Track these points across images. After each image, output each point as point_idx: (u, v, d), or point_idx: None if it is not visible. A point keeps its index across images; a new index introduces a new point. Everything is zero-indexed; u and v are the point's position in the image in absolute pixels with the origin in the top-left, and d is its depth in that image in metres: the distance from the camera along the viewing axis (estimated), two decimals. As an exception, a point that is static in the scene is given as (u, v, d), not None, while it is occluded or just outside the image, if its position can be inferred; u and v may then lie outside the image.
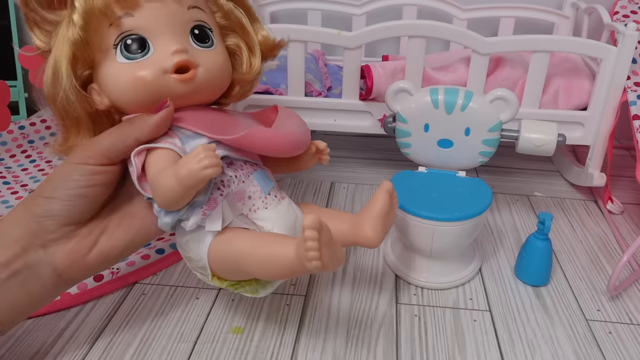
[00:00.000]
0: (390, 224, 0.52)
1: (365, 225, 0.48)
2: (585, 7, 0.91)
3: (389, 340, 0.56)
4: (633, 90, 0.74)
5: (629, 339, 0.56)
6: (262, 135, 0.46)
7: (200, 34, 0.46)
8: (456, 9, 0.98)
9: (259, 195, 0.48)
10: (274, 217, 0.48)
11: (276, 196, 0.49)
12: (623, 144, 1.00)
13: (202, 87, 0.46)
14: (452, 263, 0.64)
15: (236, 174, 0.47)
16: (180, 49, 0.44)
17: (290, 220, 0.49)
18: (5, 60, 1.04)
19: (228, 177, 0.46)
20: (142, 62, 0.44)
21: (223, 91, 0.50)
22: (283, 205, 0.49)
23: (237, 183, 0.47)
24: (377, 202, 0.49)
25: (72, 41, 0.43)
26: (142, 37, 0.44)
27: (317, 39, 0.76)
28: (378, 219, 0.48)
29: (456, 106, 0.62)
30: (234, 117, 0.50)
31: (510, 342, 0.56)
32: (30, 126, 0.94)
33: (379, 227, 0.48)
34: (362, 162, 0.95)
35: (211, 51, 0.47)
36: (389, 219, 0.50)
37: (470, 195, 0.62)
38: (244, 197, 0.47)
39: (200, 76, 0.45)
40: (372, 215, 0.49)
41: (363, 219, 0.49)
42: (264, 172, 0.49)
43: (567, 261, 0.69)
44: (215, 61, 0.47)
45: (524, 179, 0.90)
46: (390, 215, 0.51)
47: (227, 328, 0.57)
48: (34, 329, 0.56)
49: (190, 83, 0.45)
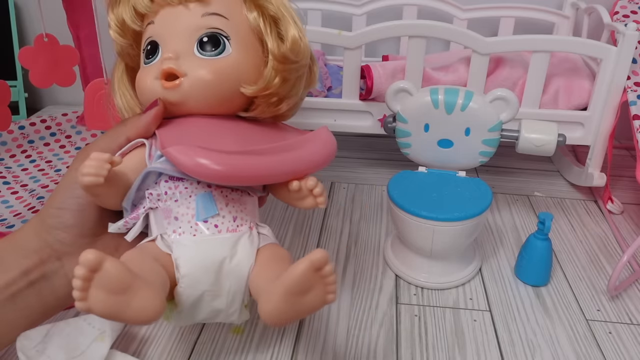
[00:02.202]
0: (306, 309, 0.37)
1: (270, 297, 0.37)
2: (585, 7, 0.91)
3: (389, 340, 0.56)
4: (633, 90, 0.74)
5: (629, 339, 0.56)
6: (184, 153, 0.40)
7: (209, 42, 0.44)
8: (456, 9, 0.98)
9: (188, 219, 0.42)
10: (191, 247, 0.41)
11: (217, 226, 0.43)
12: (623, 144, 1.00)
13: (191, 97, 0.44)
14: (452, 263, 0.64)
15: (171, 191, 0.43)
16: (169, 56, 0.43)
17: (211, 259, 0.41)
18: (5, 60, 1.04)
19: (159, 192, 0.43)
20: (149, 67, 0.45)
21: (234, 102, 0.46)
22: (219, 239, 0.42)
23: (167, 200, 0.43)
24: (291, 274, 0.36)
25: (118, 53, 0.48)
26: (156, 42, 0.45)
27: (317, 39, 0.76)
28: (285, 296, 0.36)
29: (456, 106, 0.62)
30: (251, 134, 0.46)
31: (510, 342, 0.56)
32: (30, 126, 0.94)
33: (282, 306, 0.36)
34: (362, 162, 0.95)
35: (212, 60, 0.44)
36: (303, 303, 0.37)
37: (470, 195, 0.62)
38: (170, 216, 0.43)
39: (185, 85, 0.43)
40: (279, 287, 0.37)
41: (273, 286, 0.37)
42: (209, 196, 0.43)
43: (567, 261, 0.69)
44: (213, 71, 0.43)
45: (524, 179, 0.90)
46: (310, 298, 0.37)
47: (227, 328, 0.57)
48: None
49: (176, 91, 0.43)
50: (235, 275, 0.42)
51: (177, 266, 0.41)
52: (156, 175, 0.44)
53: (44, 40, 0.77)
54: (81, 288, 0.33)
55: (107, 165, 0.38)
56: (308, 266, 0.36)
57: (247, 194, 0.46)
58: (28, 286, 0.44)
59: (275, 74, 0.45)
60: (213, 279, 0.41)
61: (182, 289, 0.41)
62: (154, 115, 0.44)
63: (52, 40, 0.78)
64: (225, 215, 0.43)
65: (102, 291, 0.33)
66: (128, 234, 0.44)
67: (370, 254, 0.69)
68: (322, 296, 0.37)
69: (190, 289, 0.41)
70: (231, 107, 0.46)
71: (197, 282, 0.41)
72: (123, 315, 0.34)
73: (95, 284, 0.33)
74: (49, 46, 0.78)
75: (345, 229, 0.75)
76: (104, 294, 0.34)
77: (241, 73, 0.44)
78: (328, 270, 0.37)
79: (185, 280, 0.41)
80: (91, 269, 0.33)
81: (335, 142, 0.47)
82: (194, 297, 0.42)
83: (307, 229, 0.74)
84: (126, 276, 0.34)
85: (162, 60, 0.44)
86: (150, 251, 0.42)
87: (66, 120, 0.95)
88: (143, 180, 0.43)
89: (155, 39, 0.45)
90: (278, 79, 0.45)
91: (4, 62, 1.04)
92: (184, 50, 0.44)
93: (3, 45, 1.03)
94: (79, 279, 0.33)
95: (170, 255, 0.41)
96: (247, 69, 0.45)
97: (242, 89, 0.44)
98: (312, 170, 0.44)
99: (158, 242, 0.42)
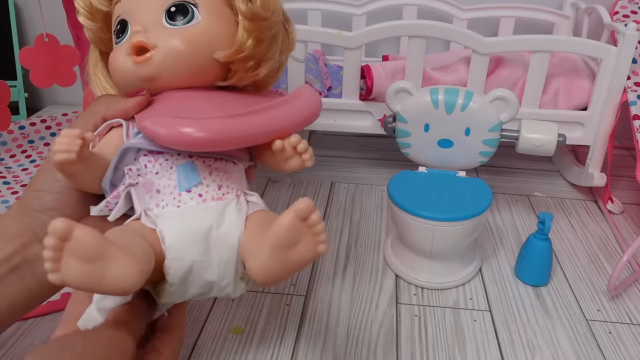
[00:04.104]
0: (297, 262, 0.36)
1: (257, 253, 0.37)
2: (585, 7, 0.91)
3: (389, 340, 0.56)
4: (633, 90, 0.74)
5: (629, 339, 0.56)
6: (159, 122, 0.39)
7: (177, 11, 0.42)
8: (456, 9, 0.98)
9: (170, 190, 0.41)
10: (175, 218, 0.40)
11: (201, 195, 0.41)
12: (623, 144, 1.00)
13: (164, 69, 0.42)
14: (452, 263, 0.64)
15: (151, 164, 0.42)
16: (137, 29, 0.42)
17: (196, 228, 0.40)
18: (5, 60, 1.04)
19: (138, 166, 0.42)
20: (120, 45, 0.44)
21: (209, 71, 0.44)
22: (204, 208, 0.41)
23: (147, 174, 0.41)
24: (277, 228, 0.35)
25: (90, 39, 0.46)
26: (125, 20, 0.44)
27: (317, 39, 0.76)
28: (272, 251, 0.35)
29: (456, 106, 0.62)
30: (232, 100, 0.45)
31: (510, 342, 0.56)
32: (30, 126, 0.94)
33: (271, 262, 0.36)
34: (362, 162, 0.95)
35: (181, 29, 0.42)
36: (292, 256, 0.36)
37: (470, 195, 0.62)
38: (152, 189, 0.41)
39: (157, 57, 0.42)
40: (266, 243, 0.36)
41: (260, 243, 0.36)
42: (191, 165, 0.42)
43: (567, 261, 0.69)
44: (184, 40, 0.42)
45: (524, 179, 0.90)
46: (299, 250, 0.36)
47: (227, 328, 0.57)
48: (34, 329, 0.56)
49: (148, 65, 0.42)
50: (224, 244, 0.40)
51: (163, 239, 0.39)
52: (134, 152, 0.43)
53: (44, 40, 0.77)
54: (52, 259, 0.31)
55: (77, 141, 0.37)
56: (293, 217, 0.35)
57: (232, 163, 0.44)
58: (10, 272, 0.43)
59: (248, 35, 0.43)
60: (201, 249, 0.39)
61: (170, 261, 0.39)
62: (137, 102, 0.43)
63: (53, 40, 0.78)
64: (209, 184, 0.42)
65: (75, 260, 0.32)
66: (111, 214, 0.42)
67: (370, 254, 0.69)
68: (312, 247, 0.36)
69: (178, 261, 0.39)
70: (208, 77, 0.45)
71: (185, 252, 0.39)
72: (100, 284, 0.33)
73: (67, 253, 0.31)
74: (49, 46, 0.78)
75: (345, 229, 0.75)
76: (78, 263, 0.32)
77: (213, 39, 0.43)
78: (315, 219, 0.35)
79: (172, 252, 0.39)
80: (61, 238, 0.31)
81: (319, 99, 0.46)
82: (183, 270, 0.40)
83: (307, 229, 0.74)
84: (99, 242, 0.32)
85: (130, 35, 0.43)
86: (135, 228, 0.40)
87: (66, 120, 0.95)
88: (121, 158, 0.42)
89: (123, 17, 0.44)
90: (251, 40, 0.43)
91: (4, 62, 1.04)
92: (153, 22, 0.43)
93: (3, 45, 1.03)
94: (49, 249, 0.31)
95: (156, 230, 0.40)
96: (218, 35, 0.43)
97: (215, 54, 0.43)
98: (295, 127, 0.43)
99: (142, 219, 0.41)
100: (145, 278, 0.35)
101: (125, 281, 0.33)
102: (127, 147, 0.42)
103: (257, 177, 0.38)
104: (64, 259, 0.31)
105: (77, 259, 0.32)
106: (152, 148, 0.41)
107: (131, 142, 0.42)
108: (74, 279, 0.32)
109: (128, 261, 0.34)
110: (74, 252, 0.32)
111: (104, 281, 0.33)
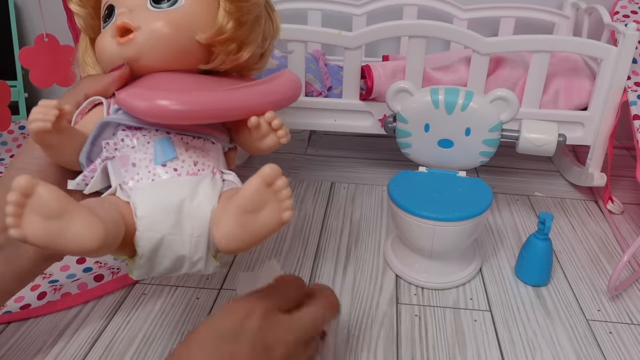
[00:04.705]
0: (262, 229, 0.37)
1: (222, 219, 0.37)
2: (585, 7, 0.91)
3: (389, 340, 0.56)
4: (633, 90, 0.74)
5: (629, 339, 0.56)
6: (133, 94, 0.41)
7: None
8: (456, 9, 0.98)
9: (146, 164, 0.41)
10: (149, 190, 0.40)
11: (176, 169, 0.42)
12: (623, 144, 1.00)
13: (146, 50, 0.43)
14: (453, 263, 0.64)
15: (128, 138, 0.42)
16: (122, 11, 0.44)
17: (169, 200, 0.40)
18: (5, 60, 1.04)
19: (116, 140, 0.43)
20: (106, 29, 0.45)
21: (192, 53, 0.45)
22: (176, 182, 0.41)
23: (124, 148, 0.42)
24: (243, 192, 0.36)
25: (80, 26, 0.47)
26: (112, 5, 0.45)
27: (317, 39, 0.76)
28: (237, 215, 0.36)
29: (456, 106, 0.62)
30: (213, 81, 0.46)
31: (510, 342, 0.56)
32: (30, 126, 0.93)
33: (236, 227, 0.36)
34: (362, 162, 0.95)
35: (165, 12, 0.43)
36: (257, 222, 0.36)
37: (471, 195, 0.62)
38: (128, 163, 0.42)
39: (140, 39, 0.43)
40: (231, 208, 0.37)
41: (226, 210, 0.37)
42: (167, 140, 0.42)
43: (568, 261, 0.69)
44: (166, 22, 0.43)
45: (524, 179, 0.90)
46: (264, 215, 0.36)
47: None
48: (34, 329, 0.56)
49: (130, 45, 0.43)
50: (196, 217, 0.40)
51: (135, 210, 0.39)
52: (113, 128, 0.43)
53: (44, 40, 0.77)
54: (14, 214, 0.32)
55: (54, 111, 0.38)
56: (259, 182, 0.35)
57: (211, 142, 0.45)
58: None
59: (229, 17, 0.44)
60: (173, 221, 0.39)
61: (141, 232, 0.39)
62: (117, 76, 0.44)
63: (52, 40, 0.78)
64: (185, 159, 0.42)
65: (36, 216, 0.32)
66: (87, 188, 0.43)
67: (370, 254, 0.69)
68: (277, 213, 0.36)
69: (149, 232, 0.39)
70: (190, 60, 0.45)
71: (156, 223, 0.39)
72: (60, 241, 0.33)
73: (29, 209, 0.32)
74: (49, 46, 0.78)
75: (345, 229, 0.75)
76: (39, 219, 0.32)
77: (195, 22, 0.44)
78: (280, 184, 0.36)
79: (143, 223, 0.39)
80: (24, 194, 0.32)
81: (298, 82, 0.47)
82: (153, 241, 0.39)
83: (307, 229, 0.74)
84: (61, 199, 0.33)
85: (116, 18, 0.44)
86: (109, 200, 0.40)
87: (66, 120, 0.95)
88: (99, 133, 0.43)
89: (111, 2, 0.45)
90: (232, 23, 0.44)
91: (4, 62, 1.04)
92: (137, 5, 0.44)
93: (3, 45, 1.03)
94: (12, 204, 0.32)
95: (129, 202, 0.40)
96: (201, 18, 0.44)
97: (196, 36, 0.44)
98: (270, 105, 0.44)
99: (117, 193, 0.41)
100: (111, 241, 0.35)
101: (87, 239, 0.33)
102: (105, 122, 0.42)
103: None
104: (26, 215, 0.32)
105: (39, 215, 0.32)
106: (130, 123, 0.42)
107: (110, 117, 0.43)
108: (35, 235, 0.32)
109: (91, 219, 0.34)
110: (35, 208, 0.32)
111: (65, 238, 0.33)
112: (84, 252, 0.34)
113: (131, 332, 0.56)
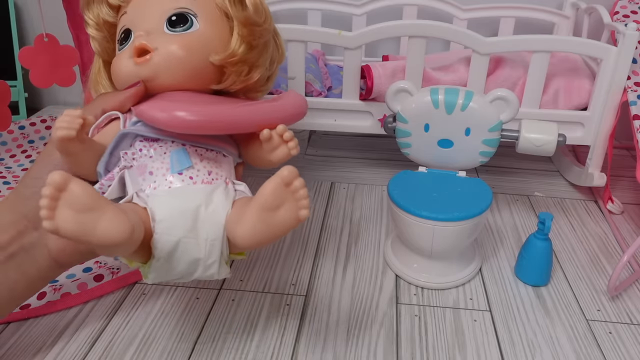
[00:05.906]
0: (280, 225, 0.40)
1: (243, 219, 0.40)
2: (585, 7, 0.91)
3: (389, 340, 0.56)
4: (633, 90, 0.74)
5: (629, 339, 0.56)
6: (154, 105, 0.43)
7: (178, 20, 0.46)
8: (456, 9, 0.98)
9: (163, 172, 0.44)
10: (166, 196, 0.42)
11: (191, 177, 0.44)
12: (623, 144, 1.00)
13: (162, 70, 0.45)
14: (452, 263, 0.64)
15: (146, 149, 0.44)
16: (140, 34, 0.45)
17: (186, 205, 0.42)
18: (5, 60, 1.04)
19: (134, 150, 0.45)
20: (123, 51, 0.47)
21: (205, 74, 0.47)
22: (191, 189, 0.43)
23: (142, 157, 0.44)
24: (263, 191, 0.39)
25: (95, 50, 0.50)
26: (129, 29, 0.47)
27: (317, 39, 0.76)
28: (258, 213, 0.39)
29: (456, 106, 0.62)
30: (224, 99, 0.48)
31: (510, 342, 0.56)
32: (30, 126, 0.94)
33: (257, 224, 0.39)
34: (362, 162, 0.95)
35: (181, 35, 0.46)
36: (276, 219, 0.39)
37: (470, 195, 0.62)
38: (145, 172, 0.44)
39: (155, 59, 0.45)
40: (252, 207, 0.39)
41: (245, 212, 0.40)
42: (183, 150, 0.45)
43: (567, 261, 0.69)
44: (182, 45, 0.45)
45: (524, 179, 0.90)
46: (283, 213, 0.39)
47: (227, 328, 0.57)
48: (34, 329, 0.56)
49: (147, 65, 0.45)
50: (211, 222, 0.42)
51: (153, 215, 0.41)
52: (131, 139, 0.45)
53: (44, 40, 0.77)
54: (48, 207, 0.34)
55: (78, 120, 0.40)
56: (278, 182, 0.38)
57: (223, 155, 0.47)
58: (7, 259, 0.44)
59: (242, 40, 0.47)
60: (189, 225, 0.41)
61: (158, 235, 0.41)
62: (133, 93, 0.45)
63: (52, 40, 0.78)
64: (200, 169, 0.45)
65: (69, 210, 0.34)
66: (110, 195, 0.44)
67: (370, 254, 0.69)
68: (294, 211, 0.39)
69: (167, 235, 0.41)
70: (203, 80, 0.47)
71: (173, 227, 0.41)
72: (90, 234, 0.35)
73: (62, 203, 0.34)
74: (49, 46, 0.78)
75: (345, 229, 0.75)
76: (71, 213, 0.34)
77: (209, 45, 0.46)
78: (297, 185, 0.38)
79: (161, 226, 0.41)
80: (58, 188, 0.34)
81: (304, 100, 0.50)
82: (170, 245, 0.41)
83: (307, 229, 0.74)
84: (93, 195, 0.35)
85: (134, 39, 0.46)
86: (127, 205, 0.42)
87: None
88: (118, 144, 0.45)
89: (128, 27, 0.47)
90: (244, 46, 0.47)
91: (4, 62, 1.04)
92: (155, 28, 0.46)
93: (3, 45, 1.03)
94: (46, 197, 0.33)
95: (147, 208, 0.41)
96: (214, 41, 0.47)
97: (210, 58, 0.46)
98: (282, 120, 0.46)
99: (134, 200, 0.42)
100: (135, 238, 0.37)
101: (115, 233, 0.35)
102: (124, 133, 0.45)
103: (259, 183, 0.39)
104: (59, 208, 0.34)
105: (71, 209, 0.34)
106: (148, 135, 0.44)
107: (129, 128, 0.45)
108: (67, 226, 0.34)
109: (120, 215, 0.36)
110: (68, 202, 0.34)
111: (96, 231, 0.35)
112: (111, 245, 0.36)
113: (131, 332, 0.56)
